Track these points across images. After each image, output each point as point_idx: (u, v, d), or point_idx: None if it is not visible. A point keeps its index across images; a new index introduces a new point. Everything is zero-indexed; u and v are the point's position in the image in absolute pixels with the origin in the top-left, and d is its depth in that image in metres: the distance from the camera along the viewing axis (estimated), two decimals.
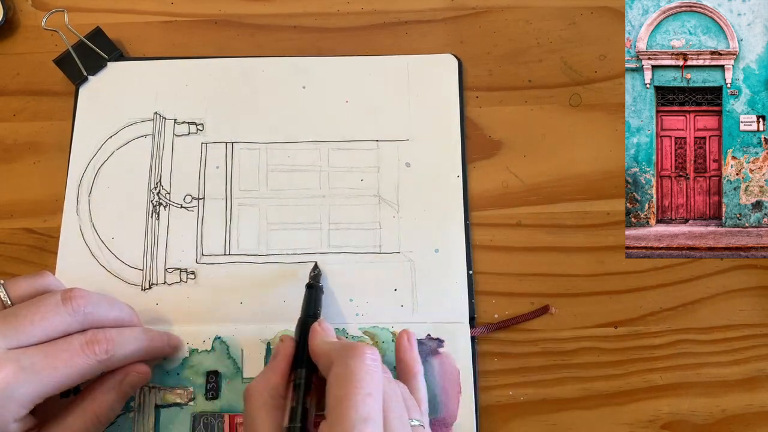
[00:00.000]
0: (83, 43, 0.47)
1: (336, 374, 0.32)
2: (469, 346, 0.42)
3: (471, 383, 0.41)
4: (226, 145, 0.46)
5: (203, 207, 0.45)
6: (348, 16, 0.50)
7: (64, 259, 0.44)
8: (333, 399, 0.32)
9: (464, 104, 0.47)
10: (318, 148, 0.46)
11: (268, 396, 0.35)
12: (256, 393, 0.35)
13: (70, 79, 0.47)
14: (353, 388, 0.31)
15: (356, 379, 0.32)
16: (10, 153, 0.47)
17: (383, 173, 0.46)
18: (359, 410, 0.31)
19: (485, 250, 0.45)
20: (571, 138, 0.47)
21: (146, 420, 0.41)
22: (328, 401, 0.32)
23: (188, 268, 0.44)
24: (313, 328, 0.37)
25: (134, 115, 0.47)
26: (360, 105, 0.47)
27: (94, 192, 0.45)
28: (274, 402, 0.35)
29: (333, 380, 0.32)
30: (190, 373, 0.42)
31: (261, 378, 0.36)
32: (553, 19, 0.50)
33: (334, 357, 0.33)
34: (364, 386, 0.32)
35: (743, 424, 0.42)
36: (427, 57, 0.48)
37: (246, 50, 0.49)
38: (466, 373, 0.41)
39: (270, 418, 0.34)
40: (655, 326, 0.43)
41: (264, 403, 0.35)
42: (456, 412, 0.41)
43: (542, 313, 0.43)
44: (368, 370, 0.32)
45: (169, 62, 0.48)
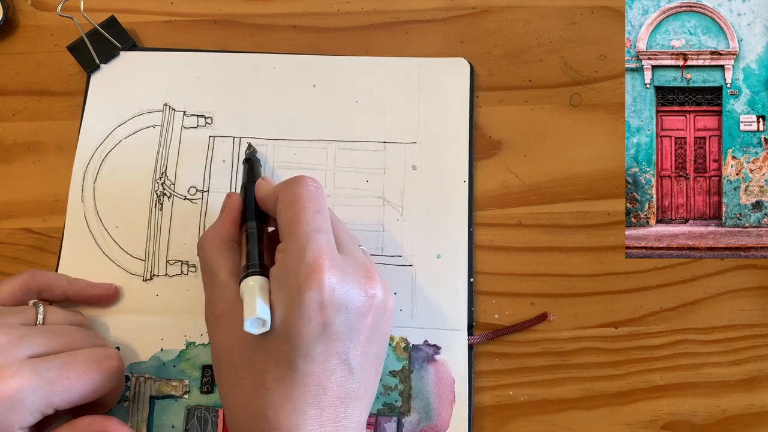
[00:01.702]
0: (97, 31, 0.47)
1: (283, 201, 0.34)
2: (466, 354, 0.42)
3: (465, 392, 0.41)
4: (233, 139, 0.46)
5: (207, 200, 0.45)
6: (348, 16, 0.50)
7: (69, 246, 0.44)
8: (284, 220, 0.34)
9: (474, 109, 0.47)
10: (325, 147, 0.46)
11: (221, 242, 0.36)
12: (209, 241, 0.37)
13: (82, 67, 0.48)
14: (301, 207, 0.33)
15: (303, 199, 0.34)
16: (10, 153, 0.47)
17: (389, 175, 0.46)
18: (310, 223, 0.33)
19: (485, 250, 0.45)
20: (571, 138, 0.47)
21: (140, 411, 0.41)
22: (280, 224, 0.34)
23: (190, 260, 0.44)
24: (259, 182, 0.39)
25: (144, 105, 0.47)
26: (369, 106, 0.47)
27: (100, 179, 0.45)
28: (228, 246, 0.36)
29: (282, 206, 0.34)
30: (186, 366, 0.42)
31: (212, 228, 0.38)
32: (553, 19, 0.50)
33: (279, 190, 0.35)
34: (311, 205, 0.34)
35: (743, 424, 0.42)
36: (439, 60, 0.48)
37: (246, 50, 0.49)
38: (461, 382, 0.41)
39: (227, 260, 0.35)
40: (655, 326, 0.43)
41: (219, 247, 0.36)
42: (448, 421, 0.40)
43: (540, 321, 0.43)
44: (313, 193, 0.34)
45: (182, 54, 0.48)
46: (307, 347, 0.31)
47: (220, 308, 0.34)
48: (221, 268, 0.35)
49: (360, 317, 0.32)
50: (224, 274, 0.35)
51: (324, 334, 0.31)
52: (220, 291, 0.35)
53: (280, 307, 0.32)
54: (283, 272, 0.32)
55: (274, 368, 0.32)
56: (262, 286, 0.33)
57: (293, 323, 0.31)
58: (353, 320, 0.32)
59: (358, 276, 0.33)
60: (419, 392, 0.41)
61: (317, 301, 0.31)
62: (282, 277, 0.32)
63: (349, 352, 0.32)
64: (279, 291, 0.32)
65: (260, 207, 0.38)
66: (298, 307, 0.31)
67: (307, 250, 0.32)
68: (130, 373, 0.41)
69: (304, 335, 0.31)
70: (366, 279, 0.33)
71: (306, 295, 0.31)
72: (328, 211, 0.35)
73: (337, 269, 0.32)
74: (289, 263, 0.32)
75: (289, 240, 0.33)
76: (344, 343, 0.32)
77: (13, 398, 0.32)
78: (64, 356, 0.35)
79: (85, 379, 0.35)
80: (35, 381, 0.33)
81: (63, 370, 0.34)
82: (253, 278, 0.33)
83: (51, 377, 0.34)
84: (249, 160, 0.44)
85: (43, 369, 0.34)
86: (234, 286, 0.34)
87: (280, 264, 0.33)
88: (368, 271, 0.33)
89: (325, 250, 0.32)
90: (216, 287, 0.35)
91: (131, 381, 0.41)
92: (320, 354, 0.32)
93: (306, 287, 0.31)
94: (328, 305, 0.31)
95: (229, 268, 0.35)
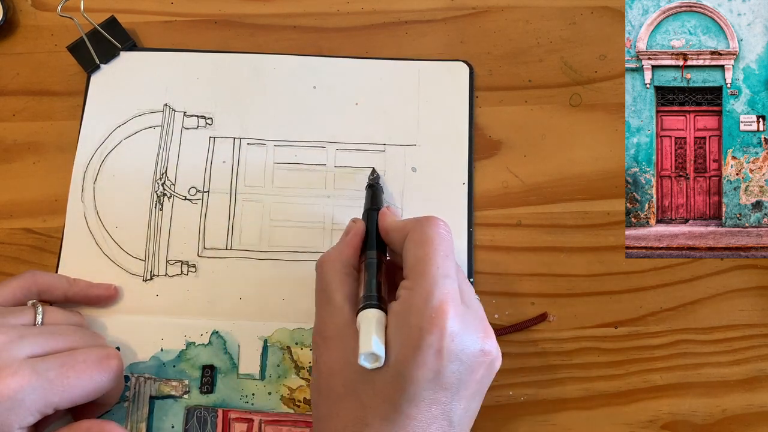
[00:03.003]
0: (97, 31, 0.47)
1: (413, 239, 0.34)
2: None
3: None
4: (233, 140, 0.46)
5: (207, 200, 0.45)
6: (348, 16, 0.50)
7: (69, 246, 0.44)
8: (413, 259, 0.33)
9: (474, 112, 0.47)
10: (325, 148, 0.46)
11: (341, 265, 0.36)
12: (329, 262, 0.36)
13: (82, 67, 0.48)
14: (433, 249, 0.33)
15: (435, 242, 0.33)
16: (10, 153, 0.47)
17: (389, 177, 0.46)
18: (440, 267, 0.32)
19: (485, 250, 0.45)
20: (571, 138, 0.47)
21: (140, 410, 0.41)
22: (407, 262, 0.34)
23: (189, 260, 0.44)
24: (383, 211, 0.39)
25: (144, 105, 0.47)
26: (369, 108, 0.47)
27: (100, 180, 0.45)
28: (347, 271, 0.36)
29: (411, 245, 0.34)
30: (186, 366, 0.42)
31: (334, 250, 0.37)
32: (553, 19, 0.50)
33: (409, 227, 0.35)
34: (442, 248, 0.33)
35: (743, 424, 0.42)
36: (438, 63, 0.48)
37: (246, 50, 0.49)
38: None
39: (345, 286, 0.35)
40: (655, 326, 0.43)
41: (338, 271, 0.36)
42: None
43: (540, 321, 0.43)
44: (444, 236, 0.34)
45: (182, 55, 0.48)
46: (415, 391, 0.31)
47: (331, 331, 0.34)
48: (338, 290, 0.35)
49: (471, 371, 0.32)
50: (340, 298, 0.35)
51: (434, 381, 0.31)
52: (334, 314, 0.34)
53: (396, 346, 0.31)
54: (405, 311, 0.32)
55: (379, 405, 0.31)
56: (379, 320, 0.32)
57: (407, 364, 0.31)
58: (464, 373, 0.32)
59: (477, 329, 0.32)
60: None
61: (436, 347, 0.30)
62: (403, 316, 0.32)
63: (453, 404, 0.32)
64: (398, 329, 0.32)
65: (382, 237, 0.38)
66: (416, 349, 0.31)
67: (434, 294, 0.31)
68: (130, 373, 0.41)
69: (415, 378, 0.31)
70: (483, 334, 0.33)
71: (426, 338, 0.30)
72: (455, 258, 0.34)
73: (460, 318, 0.31)
74: (414, 303, 0.32)
75: (416, 280, 0.32)
76: (451, 393, 0.31)
77: (12, 398, 0.32)
78: (63, 356, 0.35)
79: (84, 379, 0.35)
80: (35, 381, 0.33)
81: (62, 369, 0.34)
82: (372, 311, 0.33)
83: (50, 377, 0.34)
84: (372, 186, 0.43)
85: (42, 369, 0.34)
86: (348, 311, 0.34)
87: (404, 302, 0.32)
88: (486, 325, 0.33)
89: (451, 297, 0.32)
90: (330, 308, 0.35)
91: (131, 381, 0.41)
92: (426, 400, 0.31)
93: (428, 331, 0.31)
94: (445, 353, 0.31)
95: (345, 293, 0.35)
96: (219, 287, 0.43)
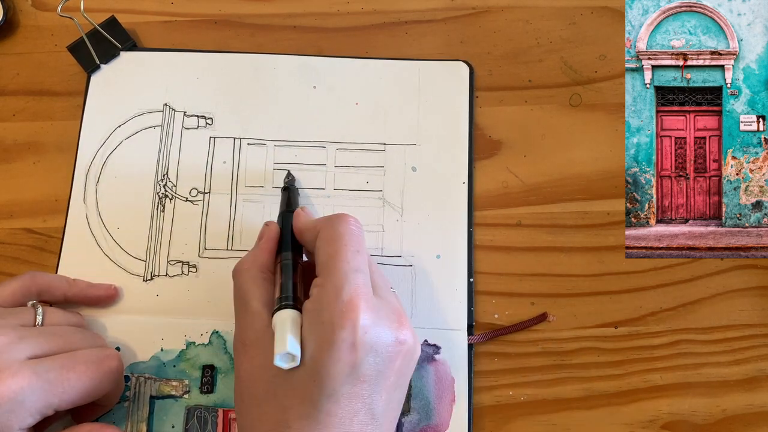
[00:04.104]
0: (97, 31, 0.47)
1: (324, 237, 0.34)
2: (466, 354, 0.42)
3: (466, 392, 0.41)
4: (234, 140, 0.46)
5: (208, 201, 0.45)
6: (348, 16, 0.50)
7: (70, 247, 0.44)
8: (324, 256, 0.34)
9: (474, 112, 0.47)
10: (325, 148, 0.46)
11: (257, 271, 0.36)
12: (245, 270, 0.36)
13: (82, 67, 0.48)
14: (342, 245, 0.33)
15: (345, 238, 0.34)
16: (10, 153, 0.47)
17: (389, 176, 0.46)
18: (350, 262, 0.33)
19: (485, 250, 0.45)
20: (571, 138, 0.47)
21: (140, 410, 0.41)
22: (319, 260, 0.34)
23: (190, 261, 0.44)
24: (297, 212, 0.39)
25: (144, 105, 0.47)
26: (369, 108, 0.47)
27: (102, 181, 0.45)
28: (264, 276, 0.36)
29: (322, 243, 0.34)
30: (186, 366, 0.42)
31: (249, 256, 0.37)
32: (553, 19, 0.50)
33: (320, 226, 0.35)
34: (352, 244, 0.34)
35: (743, 424, 0.42)
36: (438, 63, 0.48)
37: (246, 50, 0.49)
38: (461, 381, 0.41)
39: (261, 290, 0.35)
40: (655, 326, 0.43)
41: (254, 276, 0.36)
42: (448, 421, 0.41)
43: (540, 321, 0.43)
44: (354, 232, 0.34)
45: (182, 55, 0.48)
46: (333, 387, 0.31)
47: (250, 337, 0.34)
48: (254, 297, 0.35)
49: (388, 361, 0.32)
50: (257, 304, 0.35)
51: (351, 375, 0.31)
52: (252, 320, 0.34)
53: (311, 344, 0.31)
54: (317, 308, 0.32)
55: (298, 405, 0.31)
56: (294, 320, 0.32)
57: (322, 361, 0.31)
58: (381, 364, 0.32)
59: (390, 320, 0.32)
60: (419, 392, 0.41)
61: (349, 341, 0.30)
62: (316, 313, 0.32)
63: (374, 397, 0.32)
64: (312, 326, 0.32)
65: (297, 238, 0.38)
66: (330, 345, 0.31)
67: (345, 289, 0.32)
68: (130, 373, 0.41)
69: (332, 374, 0.31)
70: (398, 324, 0.33)
71: (339, 333, 0.31)
72: (366, 253, 0.34)
73: (372, 311, 0.31)
74: (325, 300, 0.32)
75: (327, 276, 0.33)
76: (370, 386, 0.31)
77: (12, 399, 0.32)
78: (63, 357, 0.35)
79: (84, 380, 0.35)
80: (35, 382, 0.33)
81: (62, 371, 0.34)
82: (286, 311, 0.33)
83: (50, 378, 0.34)
84: (287, 188, 0.44)
85: (42, 370, 0.34)
86: (265, 316, 0.34)
87: (315, 300, 0.32)
88: (400, 315, 0.33)
89: (362, 291, 0.32)
90: (247, 316, 0.35)
91: (131, 381, 0.41)
92: (345, 395, 0.31)
93: (340, 326, 0.31)
94: (360, 346, 0.31)
95: (262, 298, 0.35)
96: (219, 287, 0.43)
